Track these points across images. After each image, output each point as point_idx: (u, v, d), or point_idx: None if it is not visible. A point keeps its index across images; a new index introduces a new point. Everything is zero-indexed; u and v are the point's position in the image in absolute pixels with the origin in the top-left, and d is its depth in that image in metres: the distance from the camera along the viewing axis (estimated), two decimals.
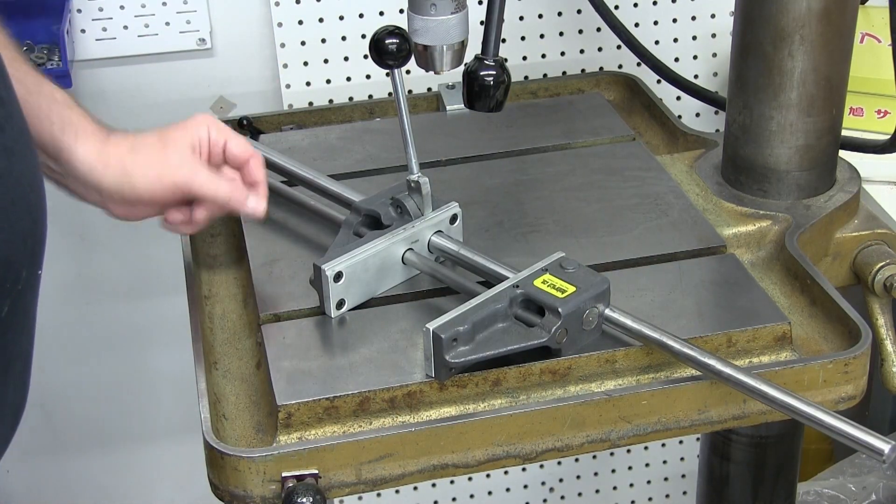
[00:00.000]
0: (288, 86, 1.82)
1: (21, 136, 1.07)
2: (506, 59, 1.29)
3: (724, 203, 1.45)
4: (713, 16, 1.87)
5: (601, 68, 1.88)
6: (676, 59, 1.88)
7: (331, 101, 1.83)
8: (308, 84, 1.82)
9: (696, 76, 1.89)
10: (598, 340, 1.21)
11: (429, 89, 1.83)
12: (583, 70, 1.88)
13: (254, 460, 1.09)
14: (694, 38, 1.88)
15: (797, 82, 1.40)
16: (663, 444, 2.20)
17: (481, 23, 1.28)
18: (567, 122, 1.64)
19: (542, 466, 2.18)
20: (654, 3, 1.85)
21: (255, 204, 1.30)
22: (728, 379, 1.13)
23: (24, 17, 1.74)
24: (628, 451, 2.20)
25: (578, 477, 2.21)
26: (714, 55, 1.89)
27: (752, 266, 1.38)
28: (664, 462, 2.22)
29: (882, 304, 1.43)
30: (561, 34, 1.86)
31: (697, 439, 2.09)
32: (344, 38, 1.80)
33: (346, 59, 1.81)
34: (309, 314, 1.28)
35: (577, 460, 2.19)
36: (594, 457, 2.18)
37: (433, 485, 2.17)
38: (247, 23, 1.83)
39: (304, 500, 1.07)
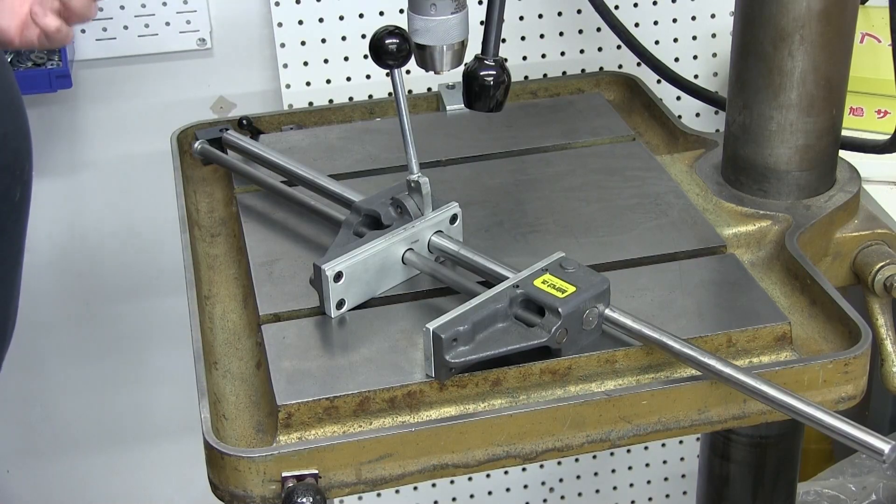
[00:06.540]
0: (288, 86, 1.82)
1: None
2: (506, 59, 1.29)
3: (724, 203, 1.45)
4: (713, 16, 1.87)
5: (601, 68, 1.88)
6: (676, 59, 1.88)
7: (331, 101, 1.83)
8: (308, 84, 1.82)
9: (696, 76, 1.89)
10: (598, 340, 1.21)
11: (429, 89, 1.83)
12: (583, 70, 1.88)
13: (254, 460, 1.09)
14: (694, 38, 1.88)
15: (797, 82, 1.40)
16: (663, 444, 2.20)
17: (481, 23, 1.28)
18: (567, 122, 1.64)
19: (542, 466, 2.18)
20: (654, 3, 1.85)
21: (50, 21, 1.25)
22: (728, 379, 1.13)
23: None
24: (628, 451, 2.20)
25: (578, 477, 2.21)
26: (714, 55, 1.89)
27: (752, 266, 1.38)
28: (664, 462, 2.22)
29: (882, 304, 1.43)
30: (561, 34, 1.86)
31: (697, 439, 2.09)
32: (344, 38, 1.80)
33: (346, 59, 1.81)
34: (309, 314, 1.28)
35: (577, 460, 2.19)
36: (594, 457, 2.18)
37: (433, 485, 2.17)
38: (247, 23, 1.83)
39: (304, 500, 1.07)
